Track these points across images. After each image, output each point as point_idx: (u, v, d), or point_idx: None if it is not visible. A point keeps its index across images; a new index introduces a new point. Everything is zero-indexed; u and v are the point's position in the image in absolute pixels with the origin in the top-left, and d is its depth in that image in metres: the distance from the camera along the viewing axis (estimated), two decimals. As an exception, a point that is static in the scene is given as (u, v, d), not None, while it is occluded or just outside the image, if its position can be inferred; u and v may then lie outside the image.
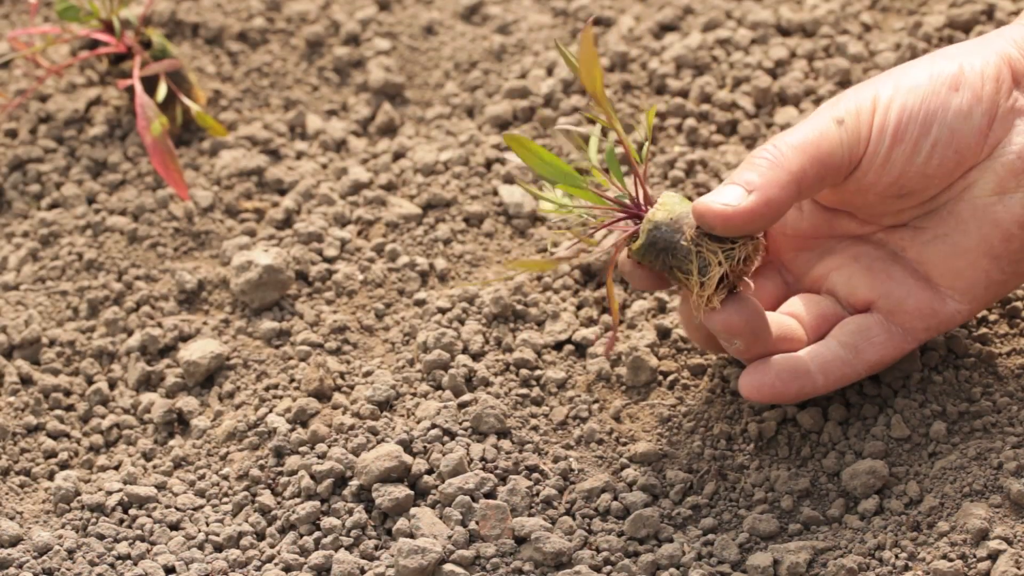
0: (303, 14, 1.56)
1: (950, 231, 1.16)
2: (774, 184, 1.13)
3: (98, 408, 1.30)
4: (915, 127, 1.14)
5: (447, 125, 1.47)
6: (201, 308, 1.36)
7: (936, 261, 1.17)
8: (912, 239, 1.18)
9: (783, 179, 1.13)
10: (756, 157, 1.14)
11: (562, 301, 1.33)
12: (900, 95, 1.15)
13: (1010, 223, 1.15)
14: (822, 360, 1.18)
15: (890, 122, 1.14)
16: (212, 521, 1.22)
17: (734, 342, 1.17)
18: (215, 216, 1.41)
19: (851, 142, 1.15)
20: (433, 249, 1.38)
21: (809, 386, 1.18)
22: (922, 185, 1.16)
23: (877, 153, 1.15)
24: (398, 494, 1.19)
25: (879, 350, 1.19)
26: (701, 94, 1.44)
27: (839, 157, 1.14)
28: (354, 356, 1.31)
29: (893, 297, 1.18)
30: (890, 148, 1.14)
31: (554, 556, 1.16)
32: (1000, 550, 1.11)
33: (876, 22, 1.49)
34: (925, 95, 1.15)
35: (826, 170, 1.14)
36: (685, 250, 1.14)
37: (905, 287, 1.18)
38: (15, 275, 1.38)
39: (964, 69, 1.16)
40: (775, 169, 1.13)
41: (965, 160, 1.15)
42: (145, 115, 1.39)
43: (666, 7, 1.51)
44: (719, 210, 1.13)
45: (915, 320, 1.19)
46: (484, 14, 1.55)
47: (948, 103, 1.14)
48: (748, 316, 1.16)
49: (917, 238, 1.18)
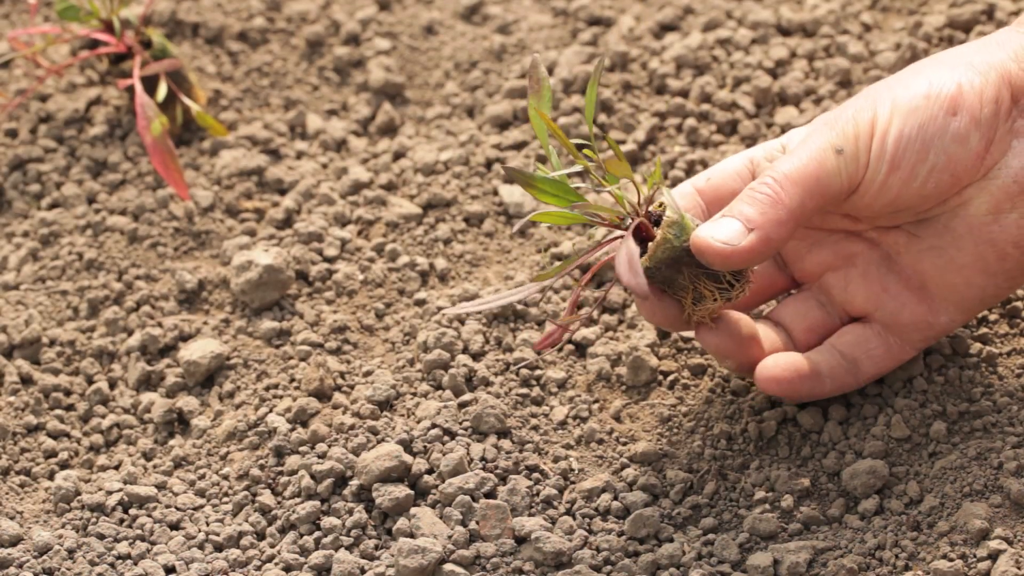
0: (303, 14, 1.56)
1: (946, 245, 1.17)
2: (774, 222, 1.13)
3: (98, 408, 1.30)
4: (912, 154, 1.14)
5: (447, 125, 1.47)
6: (201, 308, 1.36)
7: (932, 273, 1.18)
8: (907, 244, 1.19)
9: (782, 217, 1.13)
10: (756, 191, 1.14)
11: (562, 301, 1.33)
12: (898, 118, 1.15)
13: (1005, 243, 1.16)
14: (829, 366, 1.20)
15: (887, 149, 1.14)
16: (212, 521, 1.22)
17: (726, 361, 1.20)
18: (215, 216, 1.41)
19: (850, 172, 1.15)
20: (433, 249, 1.38)
21: (818, 389, 1.20)
22: (918, 204, 1.16)
23: (874, 180, 1.15)
24: (398, 494, 1.19)
25: (877, 362, 1.21)
26: (701, 94, 1.44)
27: (837, 187, 1.15)
28: (354, 356, 1.31)
29: (888, 309, 1.20)
30: (887, 175, 1.14)
31: (554, 556, 1.16)
32: (1000, 550, 1.11)
33: (876, 22, 1.49)
34: (923, 121, 1.14)
35: (825, 200, 1.15)
36: (682, 285, 1.16)
37: (900, 300, 1.19)
38: (15, 275, 1.38)
39: (963, 90, 1.15)
40: (775, 207, 1.13)
41: (961, 180, 1.15)
42: (145, 115, 1.39)
43: (666, 7, 1.51)
44: (719, 248, 1.13)
45: (911, 331, 1.20)
46: (484, 14, 1.55)
47: (945, 128, 1.14)
48: (739, 341, 1.18)
49: (912, 245, 1.18)
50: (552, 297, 1.33)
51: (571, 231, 1.37)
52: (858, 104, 1.16)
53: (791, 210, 1.13)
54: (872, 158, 1.14)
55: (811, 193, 1.14)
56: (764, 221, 1.13)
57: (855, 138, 1.15)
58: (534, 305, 1.32)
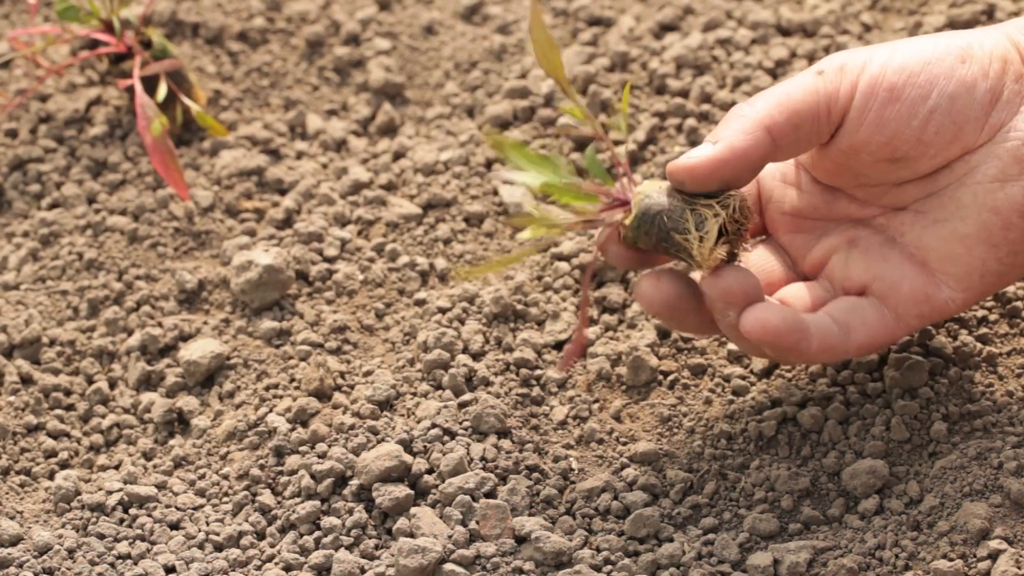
0: (303, 14, 1.56)
1: (949, 216, 1.15)
2: (739, 132, 1.12)
3: (98, 408, 1.30)
4: (913, 89, 1.13)
5: (447, 125, 1.47)
6: (201, 308, 1.36)
7: (933, 245, 1.16)
8: (912, 224, 1.17)
9: (748, 127, 1.12)
10: (727, 114, 1.14)
11: (562, 301, 1.33)
12: (899, 55, 1.13)
13: (1010, 211, 1.14)
14: (817, 326, 1.15)
15: (887, 76, 1.13)
16: (212, 521, 1.22)
17: (728, 313, 1.15)
18: (215, 216, 1.41)
19: (828, 91, 1.13)
20: (433, 249, 1.38)
21: (804, 344, 1.14)
22: (917, 152, 1.14)
23: (868, 108, 1.13)
24: (398, 494, 1.19)
25: (869, 331, 1.16)
26: (701, 94, 1.44)
27: (812, 104, 1.13)
28: (354, 356, 1.31)
29: (887, 280, 1.17)
30: (884, 104, 1.13)
31: (554, 556, 1.16)
32: (1000, 550, 1.11)
33: (876, 22, 1.49)
34: (929, 59, 1.13)
35: (800, 118, 1.13)
36: (679, 209, 1.13)
37: (900, 271, 1.16)
38: (15, 275, 1.38)
39: (973, 45, 1.14)
40: (741, 119, 1.13)
41: (964, 134, 1.14)
42: (145, 115, 1.39)
43: (666, 7, 1.51)
44: (684, 164, 1.12)
45: (908, 305, 1.16)
46: (484, 14, 1.55)
47: (952, 71, 1.13)
48: (745, 284, 1.13)
49: (917, 222, 1.17)
50: (552, 297, 1.33)
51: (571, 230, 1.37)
52: (853, 50, 1.15)
53: (758, 120, 1.12)
54: (863, 86, 1.13)
55: (782, 107, 1.13)
56: (728, 132, 1.12)
57: (840, 67, 1.14)
58: (534, 305, 1.32)
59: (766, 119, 1.12)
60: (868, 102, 1.13)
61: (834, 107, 1.13)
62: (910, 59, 1.14)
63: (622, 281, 1.34)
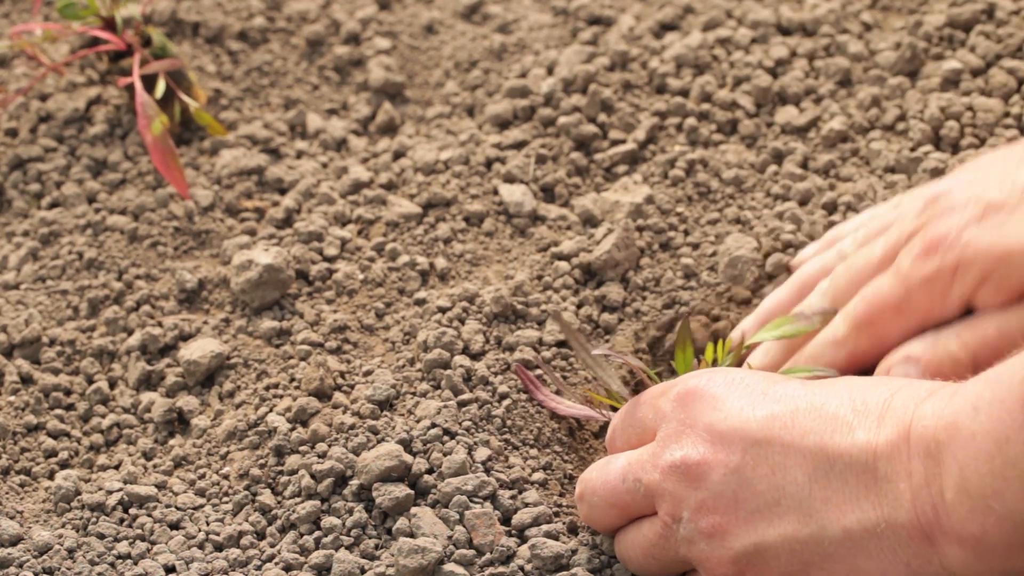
0: (303, 13, 1.56)
1: None
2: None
3: (98, 407, 1.30)
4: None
5: (447, 124, 1.47)
6: (201, 307, 1.36)
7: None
8: None
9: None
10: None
11: (562, 300, 1.33)
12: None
13: None
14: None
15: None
16: (212, 520, 1.22)
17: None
18: (215, 215, 1.41)
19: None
20: (433, 248, 1.38)
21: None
22: None
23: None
24: (398, 493, 1.19)
25: None
26: (701, 93, 1.44)
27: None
28: (354, 355, 1.31)
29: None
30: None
31: (553, 560, 1.16)
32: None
33: (876, 21, 1.49)
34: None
35: None
36: None
37: None
38: (15, 274, 1.38)
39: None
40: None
41: None
42: (145, 114, 1.39)
43: (666, 6, 1.51)
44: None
45: None
46: (484, 13, 1.55)
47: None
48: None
49: None
50: (552, 296, 1.33)
51: (571, 230, 1.37)
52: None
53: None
54: None
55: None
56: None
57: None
58: (534, 305, 1.32)
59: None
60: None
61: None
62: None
63: (622, 280, 1.34)
